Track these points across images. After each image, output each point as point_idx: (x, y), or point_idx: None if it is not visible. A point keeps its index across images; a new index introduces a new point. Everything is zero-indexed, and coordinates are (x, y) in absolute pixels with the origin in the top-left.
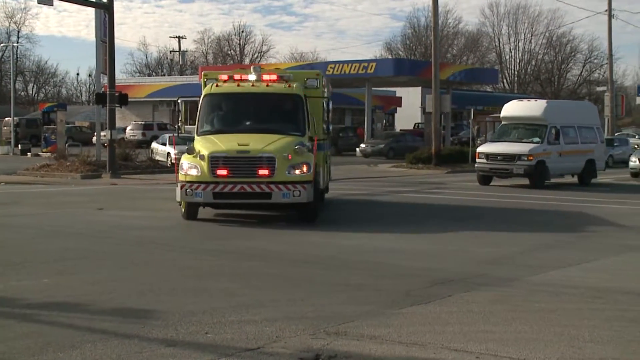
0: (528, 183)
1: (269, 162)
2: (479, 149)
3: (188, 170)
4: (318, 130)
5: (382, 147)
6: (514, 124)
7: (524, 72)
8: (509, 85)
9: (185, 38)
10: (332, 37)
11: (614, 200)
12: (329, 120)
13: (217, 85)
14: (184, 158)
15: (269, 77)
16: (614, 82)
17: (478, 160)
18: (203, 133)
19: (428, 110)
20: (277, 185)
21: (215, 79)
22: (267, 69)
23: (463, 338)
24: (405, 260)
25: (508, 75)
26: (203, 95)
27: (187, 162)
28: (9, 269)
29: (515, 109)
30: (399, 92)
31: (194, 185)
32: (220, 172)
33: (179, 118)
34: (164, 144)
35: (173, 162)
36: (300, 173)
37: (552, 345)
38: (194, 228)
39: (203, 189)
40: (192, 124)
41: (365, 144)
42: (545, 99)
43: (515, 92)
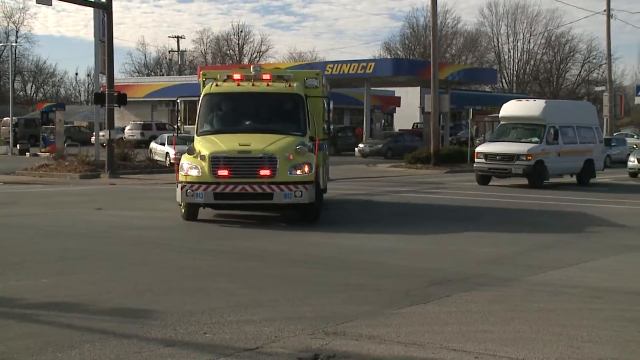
0: (527, 183)
1: (271, 162)
2: (478, 149)
3: (188, 171)
4: (318, 130)
5: (380, 147)
6: (513, 124)
7: (523, 72)
8: (508, 85)
9: (184, 38)
10: (330, 37)
11: (613, 200)
12: (330, 120)
13: (216, 85)
14: (184, 158)
15: (269, 76)
16: (613, 82)
17: (477, 160)
18: (203, 133)
19: (427, 110)
20: (278, 186)
21: (215, 79)
22: (266, 69)
23: (462, 338)
24: (405, 261)
25: (507, 75)
26: (203, 95)
27: (187, 162)
28: (8, 269)
29: (514, 109)
30: (398, 92)
31: (195, 186)
32: (221, 172)
33: (178, 118)
34: (163, 144)
35: (172, 162)
36: (302, 173)
37: (550, 345)
38: (193, 228)
39: (204, 190)
40: (191, 124)
41: (364, 144)
42: (544, 99)
43: (514, 92)
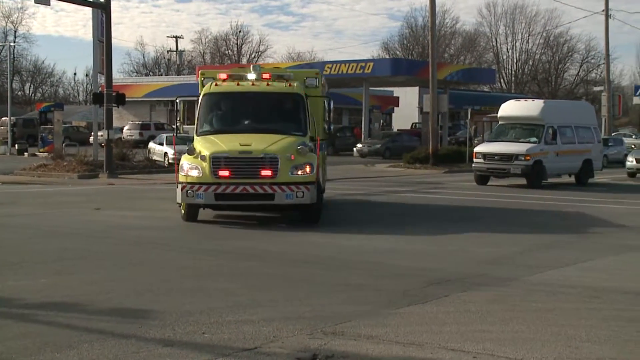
0: (525, 183)
1: (272, 162)
2: (477, 149)
3: (189, 171)
4: (318, 130)
5: (378, 147)
6: (511, 124)
7: (521, 72)
8: (506, 85)
9: (183, 38)
10: (329, 37)
11: (612, 200)
12: (330, 120)
13: (216, 85)
14: (184, 159)
15: (269, 76)
16: (611, 82)
17: (475, 160)
18: (203, 133)
19: (425, 110)
20: (280, 186)
21: (214, 78)
22: (266, 68)
23: (460, 338)
24: (405, 261)
25: (505, 75)
26: (202, 95)
27: (187, 162)
28: (7, 269)
29: (513, 109)
30: (397, 92)
31: (195, 187)
32: (222, 172)
33: (177, 118)
34: (162, 144)
35: (170, 162)
36: (303, 174)
37: (549, 345)
38: (193, 228)
39: (204, 190)
40: (190, 124)
41: (362, 144)
42: (543, 99)
43: (513, 92)
